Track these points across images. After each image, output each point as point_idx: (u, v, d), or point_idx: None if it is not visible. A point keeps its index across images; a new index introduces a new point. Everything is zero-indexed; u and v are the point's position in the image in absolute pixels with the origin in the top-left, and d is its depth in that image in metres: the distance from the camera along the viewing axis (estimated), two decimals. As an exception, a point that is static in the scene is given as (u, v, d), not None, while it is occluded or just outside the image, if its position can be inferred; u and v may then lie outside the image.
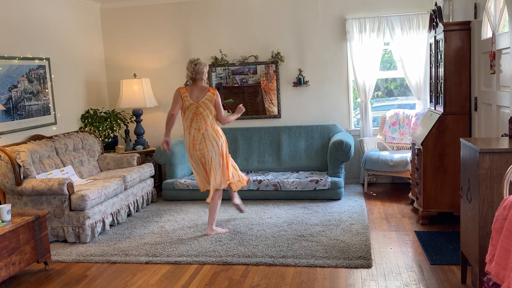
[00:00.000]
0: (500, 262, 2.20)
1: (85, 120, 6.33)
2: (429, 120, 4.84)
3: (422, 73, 6.04)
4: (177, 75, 6.76)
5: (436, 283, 3.39)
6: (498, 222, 2.27)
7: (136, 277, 3.75)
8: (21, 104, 5.17)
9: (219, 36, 6.61)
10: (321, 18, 6.35)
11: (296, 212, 5.19)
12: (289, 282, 3.51)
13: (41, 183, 4.52)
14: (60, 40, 5.93)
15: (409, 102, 6.77)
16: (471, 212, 3.01)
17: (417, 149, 4.83)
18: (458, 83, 4.52)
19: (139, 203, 5.57)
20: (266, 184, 5.67)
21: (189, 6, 6.63)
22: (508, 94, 3.50)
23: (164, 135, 4.71)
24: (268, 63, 6.49)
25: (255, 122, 6.68)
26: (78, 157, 5.51)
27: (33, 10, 5.47)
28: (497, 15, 3.80)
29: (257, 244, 4.28)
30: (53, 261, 4.14)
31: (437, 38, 4.81)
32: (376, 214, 5.09)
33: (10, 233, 3.58)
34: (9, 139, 4.94)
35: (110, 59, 6.94)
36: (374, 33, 6.12)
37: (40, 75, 5.49)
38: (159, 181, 6.60)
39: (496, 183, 2.78)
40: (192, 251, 4.19)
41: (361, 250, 3.99)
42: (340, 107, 6.48)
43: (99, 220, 4.71)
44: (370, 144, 6.16)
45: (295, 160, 6.24)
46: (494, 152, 2.79)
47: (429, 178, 4.58)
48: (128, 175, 5.30)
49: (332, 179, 5.58)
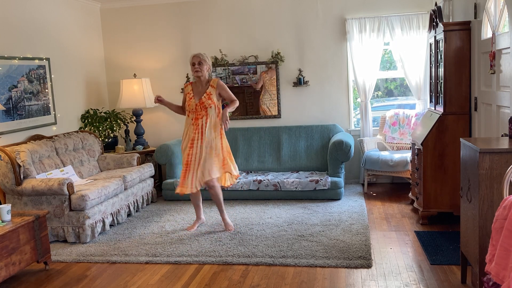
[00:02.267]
0: (500, 262, 2.20)
1: (85, 120, 6.33)
2: (429, 120, 4.84)
3: (422, 73, 6.04)
4: (177, 75, 6.77)
5: (436, 283, 3.39)
6: (498, 222, 2.27)
7: (136, 277, 3.75)
8: (21, 104, 5.17)
9: (219, 36, 6.61)
10: (321, 18, 6.35)
11: (296, 212, 5.19)
12: (289, 282, 3.51)
13: (41, 183, 4.52)
14: (60, 40, 5.93)
15: (409, 102, 6.77)
16: (471, 212, 3.01)
17: (417, 149, 4.83)
18: (458, 83, 4.52)
19: (139, 203, 5.57)
20: (266, 184, 5.67)
21: (189, 6, 6.63)
22: (508, 94, 3.50)
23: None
24: (268, 63, 6.49)
25: (255, 122, 6.67)
26: (78, 157, 5.51)
27: (33, 10, 5.47)
28: (497, 15, 3.80)
29: (257, 244, 4.28)
30: (53, 261, 4.14)
31: (437, 38, 4.81)
32: (376, 214, 5.09)
33: (10, 233, 3.58)
34: (9, 139, 4.94)
35: (110, 59, 6.94)
36: (374, 33, 6.12)
37: (40, 75, 5.49)
38: (159, 181, 6.59)
39: (496, 183, 2.78)
40: (192, 251, 4.19)
41: (361, 250, 3.99)
42: (340, 107, 6.48)
43: (99, 220, 4.71)
44: (370, 144, 6.16)
45: (295, 160, 6.24)
46: (494, 152, 2.79)
47: (429, 178, 4.58)
48: (128, 175, 5.30)
49: (332, 179, 5.58)
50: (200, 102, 4.56)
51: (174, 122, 6.79)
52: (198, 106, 4.57)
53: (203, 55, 4.62)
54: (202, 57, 4.60)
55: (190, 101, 4.61)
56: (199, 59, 4.59)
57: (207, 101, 4.55)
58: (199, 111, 4.56)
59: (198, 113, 4.57)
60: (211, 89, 4.60)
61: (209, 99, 4.56)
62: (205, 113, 4.56)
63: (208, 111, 4.56)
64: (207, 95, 4.57)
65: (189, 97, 4.64)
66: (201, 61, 4.58)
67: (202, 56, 4.61)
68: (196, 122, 4.57)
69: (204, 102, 4.55)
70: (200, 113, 4.56)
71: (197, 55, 4.62)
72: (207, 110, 4.56)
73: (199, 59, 4.59)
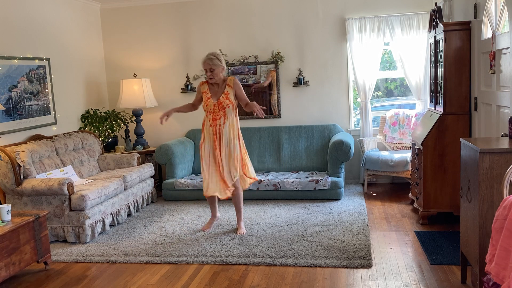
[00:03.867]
0: (500, 262, 2.20)
1: (85, 120, 6.33)
2: (429, 120, 4.84)
3: (422, 73, 6.04)
4: (177, 75, 6.77)
5: (436, 283, 3.39)
6: (498, 222, 2.27)
7: (136, 277, 3.75)
8: (21, 104, 5.17)
9: (219, 36, 6.61)
10: (321, 18, 6.35)
11: (296, 212, 5.19)
12: (289, 282, 3.51)
13: (41, 183, 4.52)
14: (60, 40, 5.93)
15: (409, 102, 6.77)
16: (471, 212, 3.01)
17: (417, 149, 4.83)
18: (458, 83, 4.52)
19: (139, 203, 5.57)
20: (266, 184, 5.67)
21: (189, 6, 6.63)
22: (508, 94, 3.50)
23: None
24: (268, 63, 6.49)
25: (255, 122, 6.67)
26: (78, 157, 5.51)
27: (33, 10, 5.47)
28: (497, 15, 3.80)
29: (257, 244, 4.28)
30: (53, 261, 4.14)
31: (437, 38, 4.81)
32: (376, 214, 5.09)
33: (10, 233, 3.58)
34: (9, 139, 4.94)
35: (110, 59, 6.94)
36: (374, 33, 6.12)
37: (40, 75, 5.49)
38: (159, 181, 6.60)
39: (496, 183, 2.78)
40: (192, 251, 4.19)
41: (361, 250, 3.99)
42: (340, 107, 6.48)
43: (99, 220, 4.71)
44: (370, 144, 6.17)
45: (295, 160, 6.24)
46: (494, 152, 2.79)
47: (429, 178, 4.58)
48: (128, 175, 5.30)
49: (332, 179, 5.58)
50: (219, 103, 4.49)
51: (174, 122, 6.79)
52: (216, 106, 4.49)
53: (214, 59, 4.43)
54: (212, 63, 4.42)
55: (208, 101, 4.52)
56: (209, 65, 4.44)
57: (225, 101, 4.48)
58: (217, 111, 4.49)
59: (216, 113, 4.50)
60: (228, 88, 4.52)
61: (227, 99, 4.49)
62: (223, 114, 4.49)
63: (226, 111, 4.49)
64: (225, 95, 4.50)
65: (206, 97, 4.54)
66: (212, 67, 4.43)
67: (213, 61, 4.42)
68: (214, 123, 4.51)
69: (223, 103, 4.48)
70: (218, 113, 4.49)
71: (206, 61, 4.45)
72: (225, 111, 4.49)
73: (210, 66, 4.44)
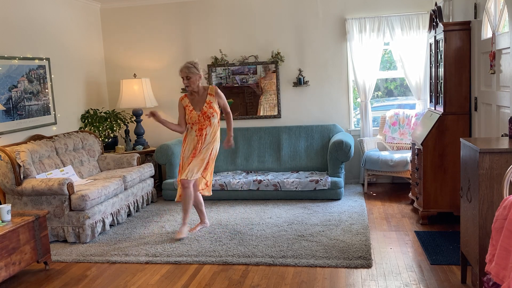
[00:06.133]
0: (500, 262, 2.21)
1: (85, 120, 6.33)
2: (429, 120, 4.84)
3: (422, 73, 6.04)
4: (177, 75, 6.63)
5: (436, 283, 3.39)
6: (498, 222, 2.27)
7: (136, 277, 3.75)
8: (21, 104, 5.17)
9: (219, 36, 6.61)
10: (321, 18, 6.35)
11: (296, 212, 5.19)
12: (289, 282, 3.51)
13: (41, 183, 4.52)
14: (60, 40, 5.93)
15: (409, 102, 6.77)
16: (471, 212, 3.01)
17: (417, 149, 4.83)
18: (458, 83, 4.52)
19: (139, 203, 5.57)
20: (266, 184, 5.67)
21: (189, 6, 6.63)
22: (508, 94, 3.50)
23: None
24: (268, 63, 6.49)
25: (255, 122, 6.67)
26: (78, 157, 5.51)
27: (33, 10, 5.47)
28: (497, 15, 3.80)
29: (257, 244, 4.28)
30: (53, 261, 4.14)
31: (437, 38, 4.81)
32: (376, 214, 5.09)
33: (10, 233, 3.58)
34: (9, 139, 4.94)
35: (110, 59, 6.93)
36: (374, 33, 6.12)
37: (40, 75, 5.49)
38: (159, 181, 6.60)
39: (496, 183, 2.78)
40: (192, 251, 4.19)
41: (361, 250, 3.99)
42: (340, 107, 6.48)
43: (99, 220, 4.71)
44: (370, 144, 6.17)
45: (295, 160, 6.24)
46: (494, 152, 2.79)
47: (429, 178, 4.58)
48: (128, 175, 5.30)
49: (332, 179, 5.58)
50: (203, 113, 4.49)
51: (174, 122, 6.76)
52: (201, 117, 4.48)
53: (190, 67, 4.40)
54: (188, 71, 4.40)
55: (192, 113, 4.51)
56: (186, 73, 4.42)
57: (209, 111, 4.49)
58: (203, 121, 4.49)
59: (202, 123, 4.50)
60: (210, 97, 4.52)
61: (210, 108, 4.50)
62: (209, 123, 4.49)
63: (212, 120, 4.50)
64: (207, 104, 4.50)
65: (189, 110, 4.53)
66: (188, 75, 4.41)
67: (189, 70, 4.40)
68: (201, 133, 4.51)
69: (207, 112, 4.49)
70: (204, 123, 4.50)
71: (183, 69, 4.43)
72: (210, 120, 4.49)
73: (186, 74, 4.42)
